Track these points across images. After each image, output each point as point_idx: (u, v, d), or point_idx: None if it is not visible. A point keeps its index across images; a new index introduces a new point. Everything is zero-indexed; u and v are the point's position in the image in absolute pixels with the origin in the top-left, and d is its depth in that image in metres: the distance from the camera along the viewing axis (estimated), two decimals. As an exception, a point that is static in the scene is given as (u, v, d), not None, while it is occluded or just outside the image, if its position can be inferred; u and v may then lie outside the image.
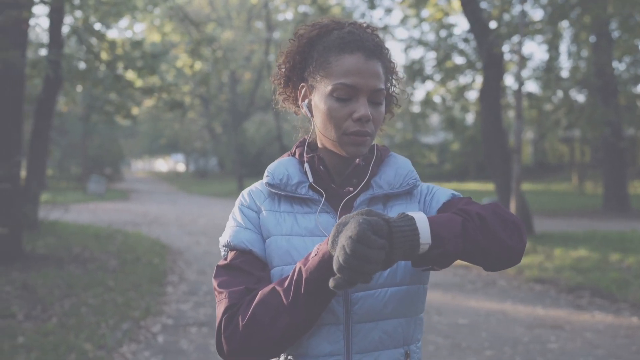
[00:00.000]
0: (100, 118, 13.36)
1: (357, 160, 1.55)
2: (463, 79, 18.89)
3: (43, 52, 12.64)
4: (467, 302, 7.66)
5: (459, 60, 17.77)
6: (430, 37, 20.04)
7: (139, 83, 14.01)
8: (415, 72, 17.73)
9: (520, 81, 11.75)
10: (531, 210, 14.12)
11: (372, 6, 15.93)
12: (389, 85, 1.61)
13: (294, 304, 1.34)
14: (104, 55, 10.96)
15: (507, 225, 1.37)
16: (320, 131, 1.54)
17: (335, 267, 1.19)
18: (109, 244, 12.00)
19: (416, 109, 25.68)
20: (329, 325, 1.45)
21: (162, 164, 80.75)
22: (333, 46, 1.50)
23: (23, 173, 14.39)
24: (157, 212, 20.79)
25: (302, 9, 24.34)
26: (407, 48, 20.95)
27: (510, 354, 5.58)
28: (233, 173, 39.50)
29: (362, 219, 1.20)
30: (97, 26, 15.88)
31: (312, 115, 1.56)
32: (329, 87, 1.48)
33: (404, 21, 20.88)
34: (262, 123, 39.11)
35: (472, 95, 23.49)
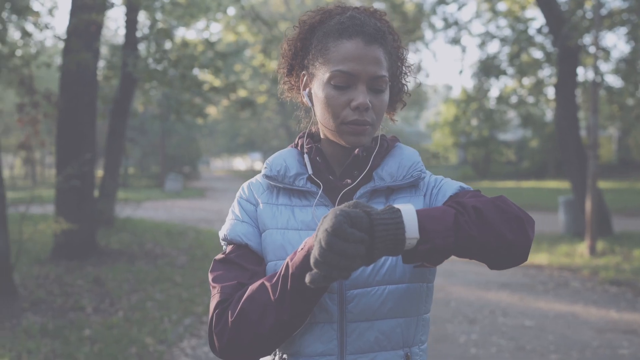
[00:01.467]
0: (174, 117, 13.61)
1: (357, 150, 1.47)
2: (541, 74, 18.34)
3: (119, 53, 12.97)
4: (536, 304, 7.39)
5: (537, 54, 17.26)
6: (506, 31, 19.57)
7: (216, 83, 14.26)
8: (490, 67, 17.34)
9: (597, 74, 11.27)
10: (611, 209, 13.56)
11: (443, 1, 15.64)
12: (397, 72, 1.53)
13: (281, 300, 1.29)
14: (173, 56, 11.15)
15: (509, 219, 1.27)
16: (320, 121, 1.48)
17: (311, 261, 1.12)
18: (180, 240, 12.24)
19: (492, 105, 25.18)
20: (322, 323, 1.39)
21: (241, 163, 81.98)
22: (332, 32, 1.44)
23: (100, 171, 14.87)
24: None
25: (375, 5, 24.21)
26: (482, 44, 20.54)
27: (577, 359, 5.34)
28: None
29: (339, 210, 1.13)
30: (172, 28, 16.27)
31: (312, 105, 1.50)
32: (327, 75, 1.42)
33: (478, 15, 20.49)
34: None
35: (552, 90, 22.79)
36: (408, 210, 1.18)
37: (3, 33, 8.82)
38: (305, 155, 1.52)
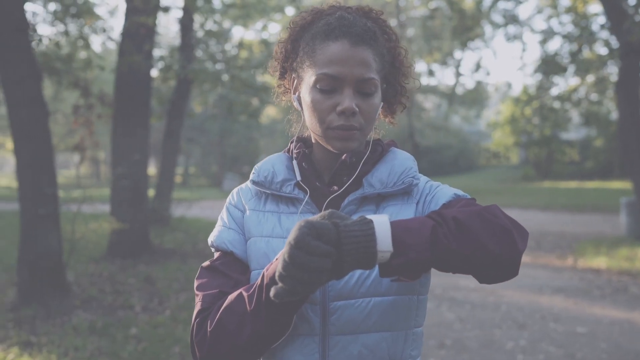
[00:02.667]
0: (229, 117, 13.78)
1: (344, 156, 1.41)
2: (605, 71, 17.80)
3: (175, 55, 13.17)
4: (590, 309, 7.13)
5: (602, 50, 16.73)
6: (569, 27, 19.07)
7: (274, 83, 14.35)
8: (552, 64, 16.91)
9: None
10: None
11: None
12: (393, 74, 1.47)
13: (257, 311, 1.25)
14: (226, 57, 11.26)
15: (494, 231, 1.18)
16: (308, 126, 1.44)
17: (276, 275, 1.08)
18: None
19: (554, 104, 24.56)
20: (303, 336, 1.34)
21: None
22: (319, 33, 1.39)
23: (154, 170, 15.11)
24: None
25: (434, 4, 23.90)
26: (544, 41, 20.06)
27: (630, 368, 5.13)
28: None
29: (305, 222, 1.07)
30: (227, 30, 16.44)
31: (302, 109, 1.45)
32: (313, 78, 1.37)
33: (539, 10, 20.04)
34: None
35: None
36: (381, 221, 1.12)
37: (59, 37, 9.07)
38: (294, 161, 1.47)
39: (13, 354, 5.18)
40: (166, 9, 10.18)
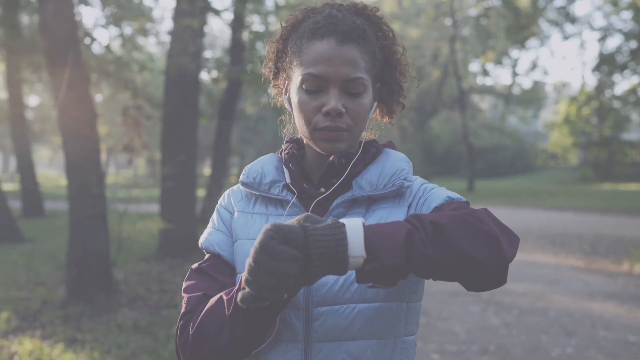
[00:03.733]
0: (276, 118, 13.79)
1: (331, 157, 1.37)
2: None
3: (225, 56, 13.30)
4: (644, 317, 6.89)
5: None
6: (630, 25, 18.51)
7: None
8: (611, 63, 16.45)
9: None
10: None
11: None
12: (388, 72, 1.43)
13: (235, 315, 1.22)
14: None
15: (477, 236, 1.12)
16: (297, 127, 1.40)
17: (242, 279, 1.05)
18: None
19: (614, 103, 23.87)
20: (286, 342, 1.31)
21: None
22: (306, 32, 1.36)
23: (209, 171, 15.27)
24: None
25: (488, 3, 23.54)
26: (603, 38, 19.54)
27: (682, 379, 4.91)
28: (420, 172, 39.26)
29: (271, 225, 1.04)
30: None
31: (292, 110, 1.42)
32: (299, 78, 1.34)
33: (598, 7, 19.51)
34: (448, 120, 38.40)
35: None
36: (354, 225, 1.07)
37: (113, 40, 9.26)
38: (291, 164, 1.43)
39: (58, 349, 5.30)
40: (217, 12, 10.27)
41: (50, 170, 62.03)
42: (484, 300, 7.55)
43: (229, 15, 11.92)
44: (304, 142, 1.45)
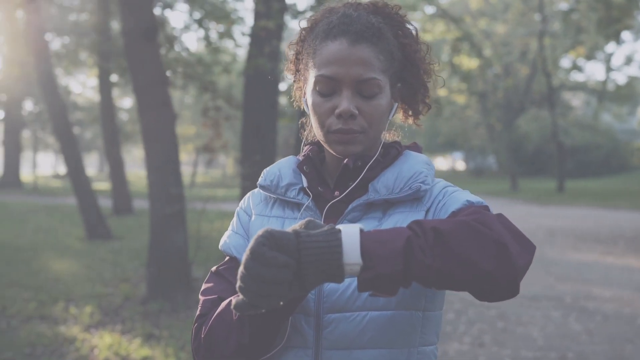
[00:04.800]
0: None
1: (346, 160, 1.33)
2: None
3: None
4: None
5: None
6: None
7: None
8: None
9: None
10: None
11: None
12: (410, 72, 1.38)
13: (241, 321, 1.22)
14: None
15: (483, 244, 1.06)
16: (314, 129, 1.38)
17: (237, 286, 1.03)
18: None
19: None
20: (296, 348, 1.28)
21: (442, 162, 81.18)
22: (320, 33, 1.33)
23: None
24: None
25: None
26: None
27: None
28: (508, 172, 38.38)
29: (263, 231, 1.02)
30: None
31: (309, 112, 1.39)
32: (313, 80, 1.32)
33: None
34: (536, 119, 37.29)
35: None
36: (350, 231, 1.04)
37: (199, 42, 9.45)
38: (305, 166, 1.41)
39: (135, 344, 5.46)
40: (295, 13, 10.34)
41: (142, 170, 64.26)
42: (566, 306, 7.27)
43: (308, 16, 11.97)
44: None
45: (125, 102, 37.47)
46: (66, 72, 26.70)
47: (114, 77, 16.91)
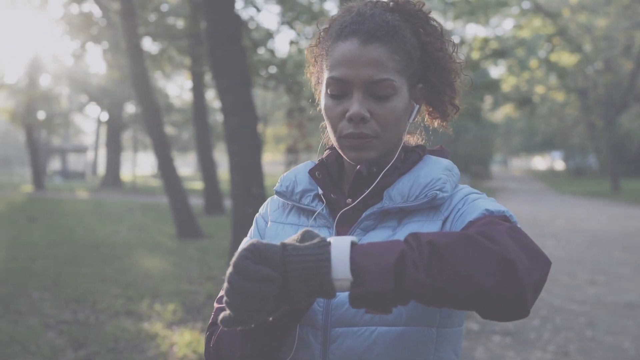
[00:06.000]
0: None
1: (359, 166, 1.27)
2: None
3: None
4: None
5: None
6: None
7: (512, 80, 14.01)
8: None
9: None
10: None
11: None
12: (432, 71, 1.32)
13: (244, 333, 1.18)
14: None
15: (485, 260, 0.97)
16: (329, 134, 1.32)
17: (224, 300, 0.98)
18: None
19: None
20: None
21: (540, 162, 78.84)
22: (333, 33, 1.28)
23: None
24: (515, 211, 20.25)
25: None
26: None
27: None
28: (609, 172, 36.80)
29: (249, 244, 0.97)
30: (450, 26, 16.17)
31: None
32: (325, 83, 1.26)
33: None
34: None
35: None
36: (340, 245, 0.97)
37: (290, 44, 9.53)
38: (317, 172, 1.36)
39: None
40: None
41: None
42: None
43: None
44: None
45: (218, 103, 38.43)
46: (164, 75, 27.68)
47: (207, 79, 17.34)
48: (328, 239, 0.99)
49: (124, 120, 34.31)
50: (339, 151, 1.30)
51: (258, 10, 13.94)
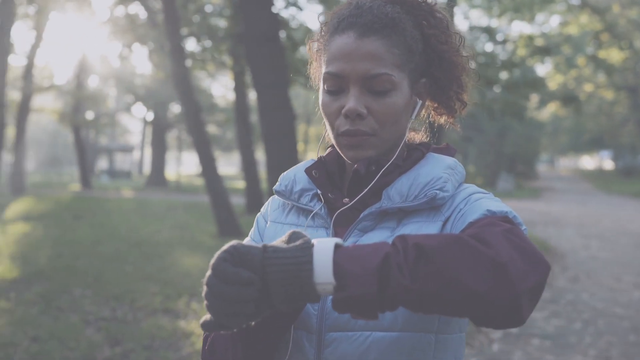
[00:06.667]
0: (489, 115, 13.32)
1: (356, 165, 1.22)
2: None
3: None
4: None
5: None
6: None
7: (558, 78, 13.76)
8: None
9: None
10: None
11: None
12: (437, 66, 1.26)
13: (235, 336, 1.16)
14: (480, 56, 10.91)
15: (475, 264, 0.91)
16: (328, 131, 1.27)
17: (204, 303, 0.96)
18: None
19: None
20: None
21: (588, 161, 77.19)
22: (330, 27, 1.24)
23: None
24: (560, 212, 19.93)
25: None
26: None
27: None
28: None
29: (228, 245, 0.94)
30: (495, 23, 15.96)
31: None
32: (322, 78, 1.23)
33: None
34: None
35: None
36: (324, 247, 0.93)
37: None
38: (314, 171, 1.31)
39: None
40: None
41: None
42: None
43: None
44: None
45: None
46: (209, 74, 27.97)
47: (248, 79, 17.47)
48: (313, 241, 0.96)
49: (168, 120, 34.78)
50: (338, 150, 1.26)
51: (300, 9, 13.93)
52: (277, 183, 1.36)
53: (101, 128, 36.37)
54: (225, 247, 0.94)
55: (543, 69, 31.90)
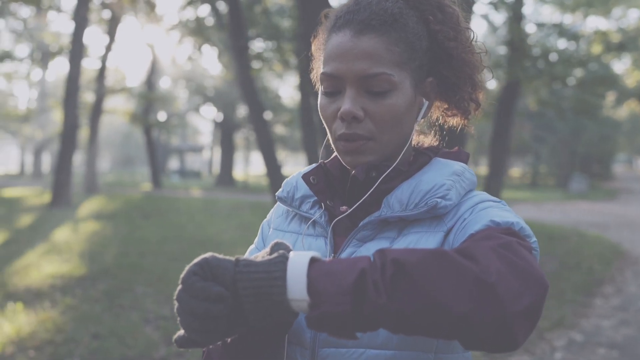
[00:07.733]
0: (559, 115, 12.92)
1: (354, 171, 1.15)
2: None
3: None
4: None
5: None
6: None
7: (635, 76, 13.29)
8: None
9: None
10: None
11: None
12: (446, 64, 1.18)
13: (226, 348, 1.10)
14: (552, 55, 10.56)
15: (459, 282, 0.83)
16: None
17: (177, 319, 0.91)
18: (558, 246, 11.52)
19: None
20: None
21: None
22: (328, 25, 1.17)
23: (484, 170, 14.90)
24: (637, 214, 19.16)
25: None
26: None
27: None
28: None
29: (200, 258, 0.89)
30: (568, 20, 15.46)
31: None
32: (319, 79, 1.16)
33: None
34: None
35: None
36: (298, 261, 0.86)
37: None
38: (312, 177, 1.24)
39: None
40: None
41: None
42: None
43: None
44: None
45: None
46: (276, 75, 28.19)
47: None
48: (290, 254, 0.89)
49: (236, 121, 35.23)
50: (337, 154, 1.19)
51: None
52: (280, 189, 1.30)
53: (171, 129, 37.16)
54: (197, 259, 0.90)
55: (621, 65, 30.78)
